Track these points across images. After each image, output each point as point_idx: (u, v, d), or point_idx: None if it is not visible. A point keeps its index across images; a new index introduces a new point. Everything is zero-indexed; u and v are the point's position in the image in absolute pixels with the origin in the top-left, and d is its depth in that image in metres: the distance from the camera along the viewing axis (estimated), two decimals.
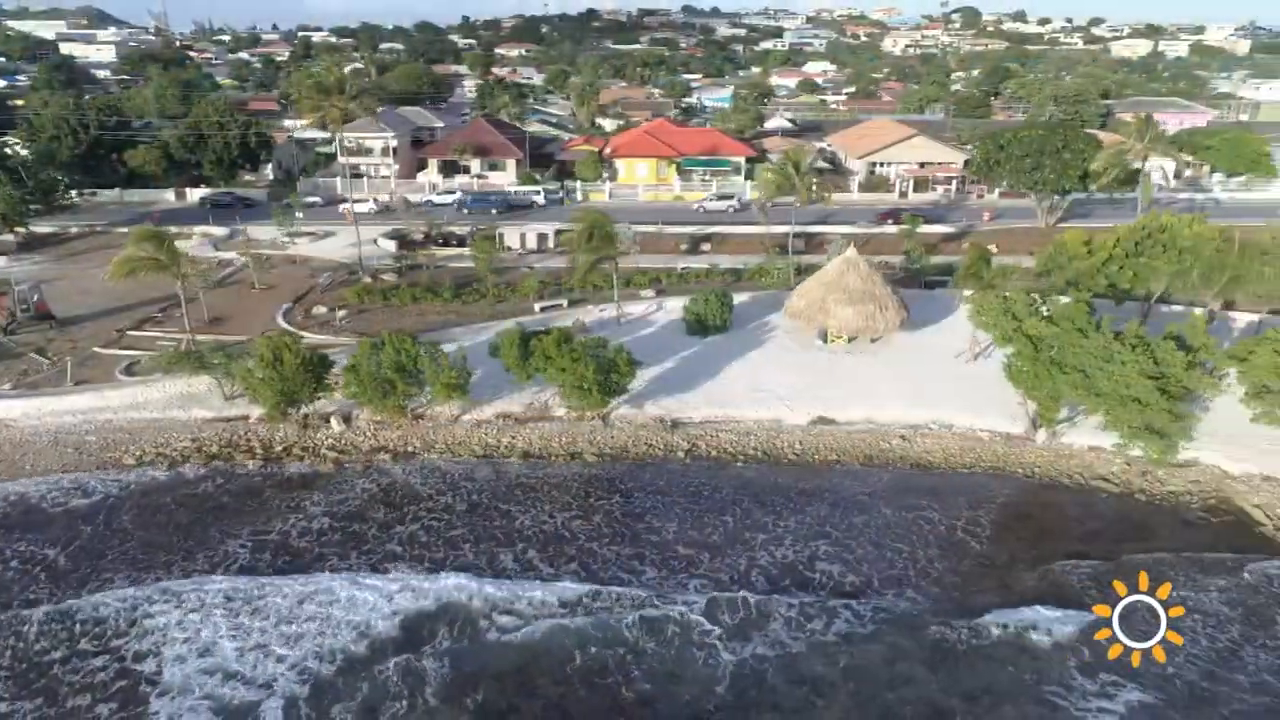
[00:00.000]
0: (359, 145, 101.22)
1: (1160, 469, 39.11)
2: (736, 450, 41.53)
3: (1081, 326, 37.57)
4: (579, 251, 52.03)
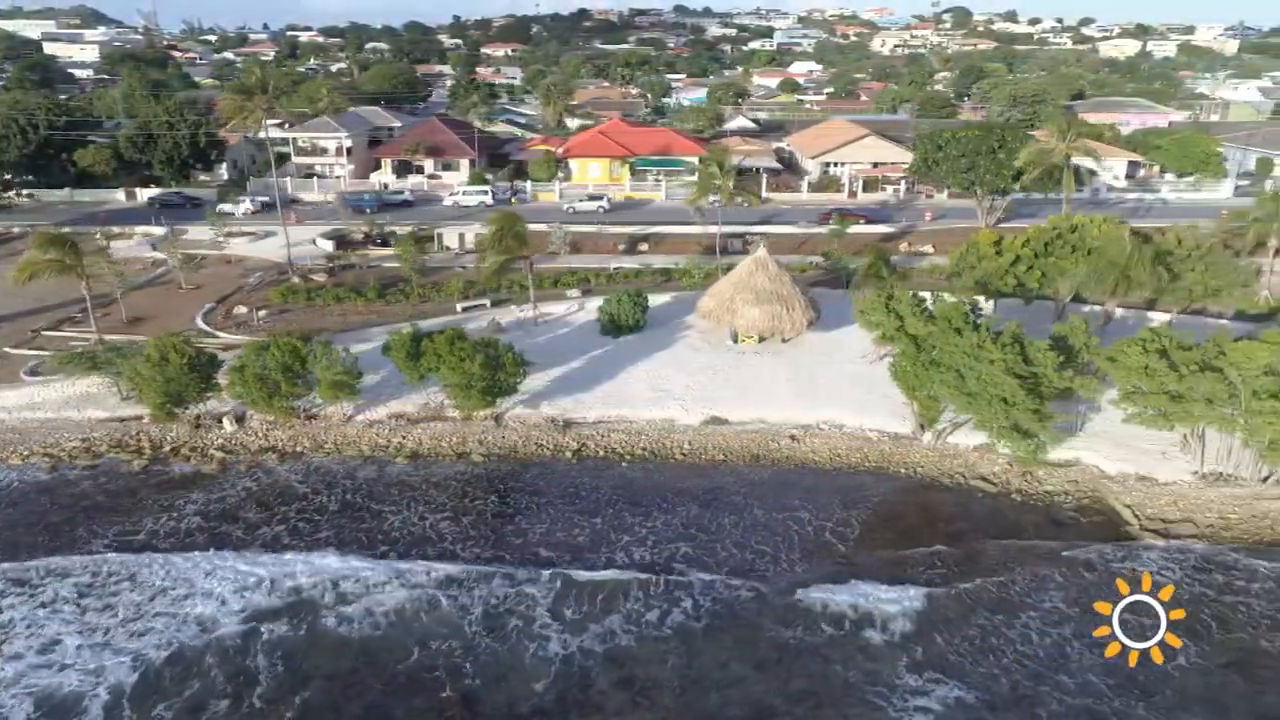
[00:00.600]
0: (313, 145, 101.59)
1: (1040, 469, 39.24)
2: (625, 450, 41.62)
3: (958, 326, 37.65)
4: (489, 252, 52.08)
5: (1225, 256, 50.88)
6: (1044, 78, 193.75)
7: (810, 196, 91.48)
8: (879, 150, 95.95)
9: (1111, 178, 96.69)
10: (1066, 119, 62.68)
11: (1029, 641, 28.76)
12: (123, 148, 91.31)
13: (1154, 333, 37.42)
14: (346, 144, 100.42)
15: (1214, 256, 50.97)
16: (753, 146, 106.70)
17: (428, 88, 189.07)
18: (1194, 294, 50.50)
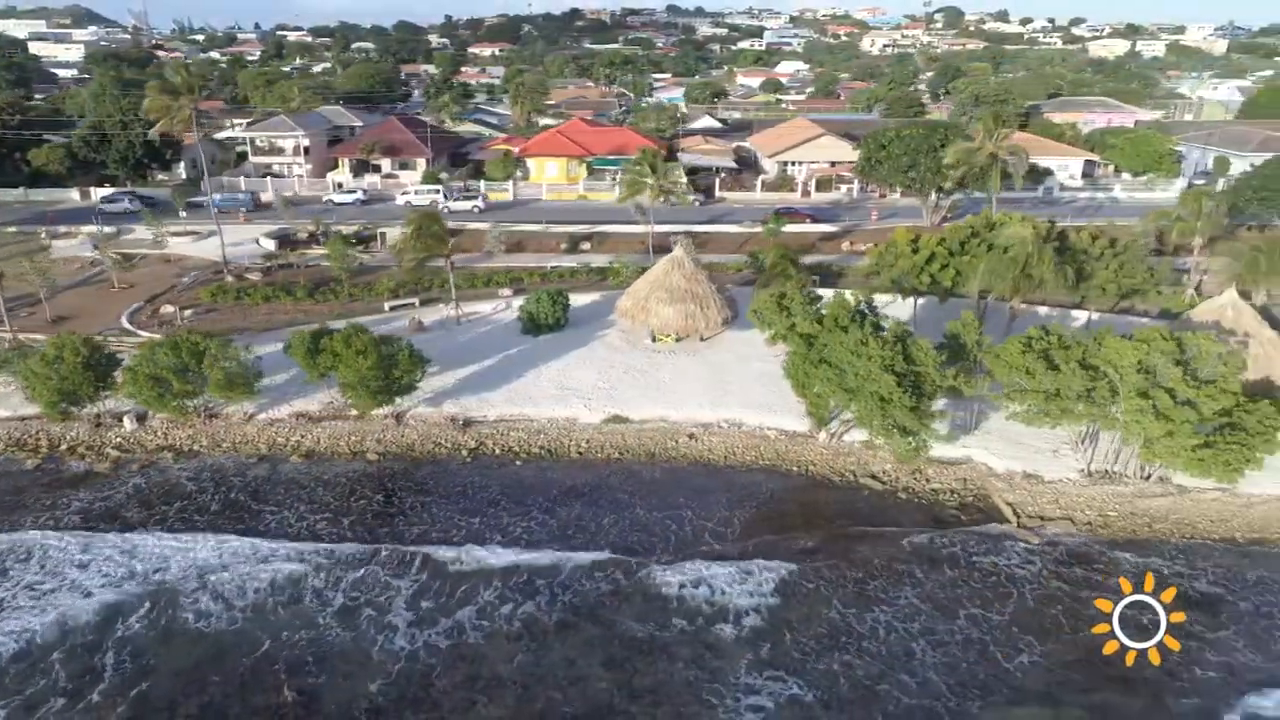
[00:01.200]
0: (271, 144, 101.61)
1: (931, 467, 39.34)
2: (522, 449, 41.65)
3: (844, 323, 37.67)
4: (406, 250, 52.10)
5: (1139, 255, 50.85)
6: (1025, 76, 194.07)
7: (763, 196, 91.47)
8: (834, 149, 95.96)
9: (1068, 177, 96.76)
10: (993, 118, 62.48)
11: (876, 637, 28.79)
12: (76, 147, 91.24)
13: (1041, 330, 37.44)
14: (304, 143, 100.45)
15: (1129, 255, 51.04)
16: (713, 146, 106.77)
17: (408, 87, 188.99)
18: (1107, 292, 50.59)
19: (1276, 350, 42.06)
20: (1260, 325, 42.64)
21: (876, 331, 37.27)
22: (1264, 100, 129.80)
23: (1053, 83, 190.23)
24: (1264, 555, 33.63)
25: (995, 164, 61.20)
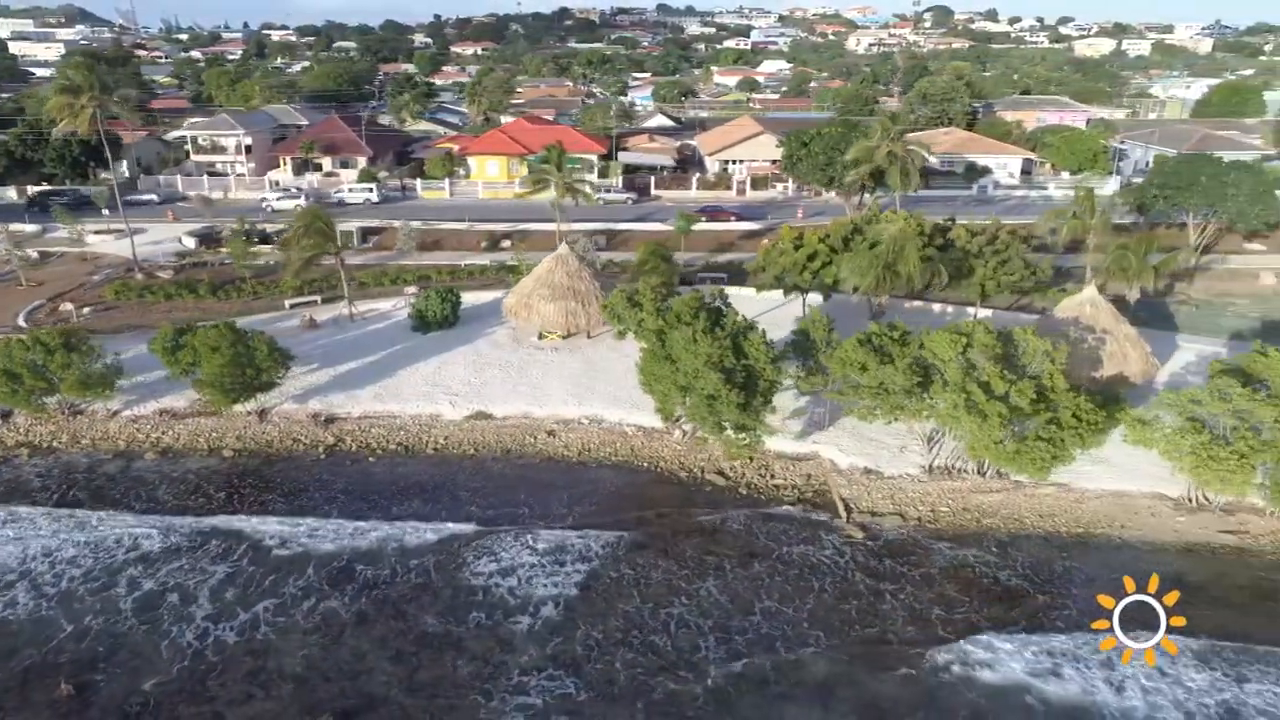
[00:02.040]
0: (213, 143, 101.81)
1: (778, 463, 39.58)
2: (379, 445, 41.86)
3: (687, 320, 37.82)
4: (293, 247, 52.27)
5: (1019, 252, 51.02)
6: (993, 75, 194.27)
7: (699, 194, 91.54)
8: (772, 148, 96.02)
9: (1007, 175, 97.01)
10: (892, 118, 62.61)
11: (667, 632, 28.95)
12: (13, 146, 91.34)
13: (882, 326, 37.62)
14: (246, 142, 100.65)
15: (1011, 252, 51.23)
16: (656, 145, 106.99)
17: (372, 86, 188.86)
18: (986, 289, 50.79)
19: (1133, 346, 42.36)
20: (1118, 322, 42.90)
21: (714, 327, 37.37)
22: (1217, 99, 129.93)
23: (1021, 81, 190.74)
24: (1081, 548, 33.82)
25: (895, 162, 61.21)
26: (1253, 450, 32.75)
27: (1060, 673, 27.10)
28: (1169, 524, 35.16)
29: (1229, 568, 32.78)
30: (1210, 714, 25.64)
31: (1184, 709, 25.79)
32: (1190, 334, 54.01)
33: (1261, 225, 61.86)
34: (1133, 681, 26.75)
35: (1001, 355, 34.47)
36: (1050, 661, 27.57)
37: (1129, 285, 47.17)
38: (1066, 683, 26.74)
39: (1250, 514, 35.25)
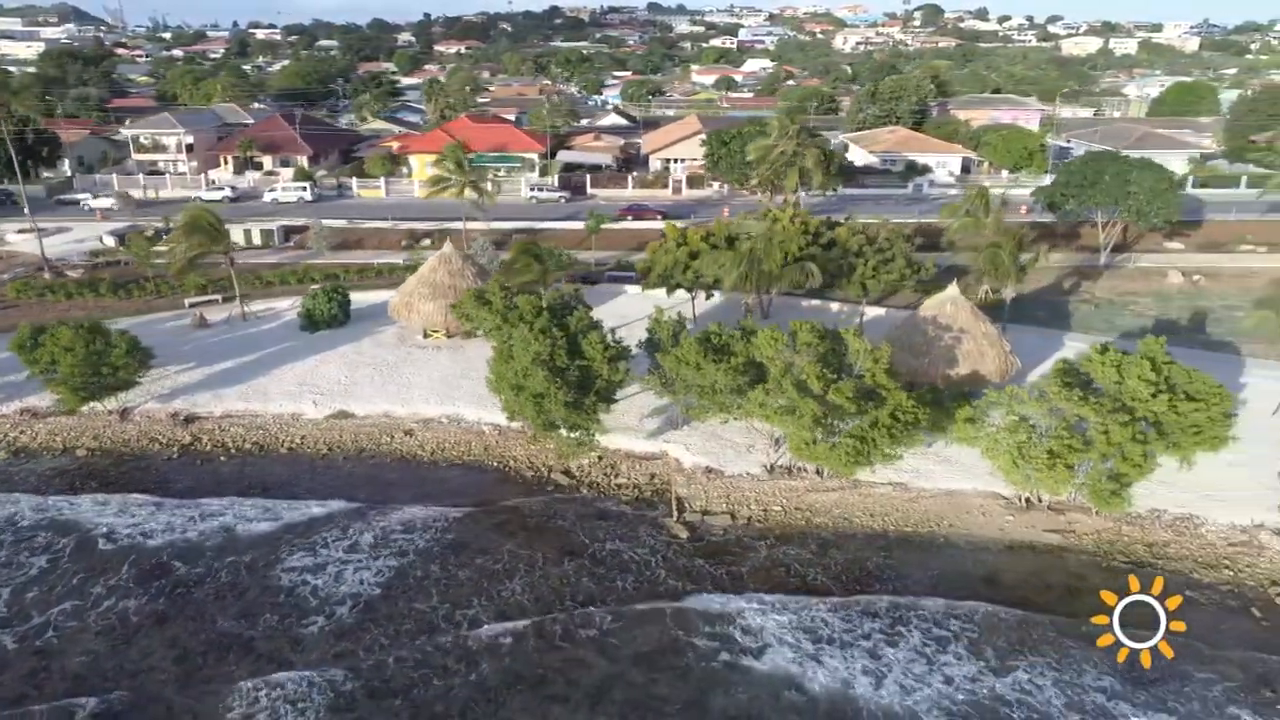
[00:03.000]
0: (154, 142, 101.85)
1: (625, 461, 39.57)
2: (234, 444, 41.87)
3: (528, 319, 37.77)
4: (177, 246, 52.25)
5: (902, 250, 50.97)
6: (962, 73, 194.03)
7: (634, 193, 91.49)
8: None
9: (946, 173, 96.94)
10: (790, 117, 62.44)
11: (456, 631, 28.90)
12: None
13: (718, 326, 37.59)
14: (187, 140, 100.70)
15: (894, 251, 51.19)
16: (600, 144, 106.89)
17: (335, 85, 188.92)
18: (869, 287, 50.74)
19: (991, 345, 42.28)
20: (977, 320, 42.80)
21: (554, 326, 37.28)
22: (1171, 97, 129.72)
23: (992, 80, 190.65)
24: (903, 547, 33.79)
25: (795, 161, 61.12)
26: (1070, 450, 32.68)
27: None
28: (997, 523, 35.13)
29: (1042, 565, 32.73)
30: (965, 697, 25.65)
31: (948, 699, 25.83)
32: (1081, 332, 53.91)
33: (1161, 222, 61.72)
34: (892, 676, 26.75)
35: (825, 354, 34.38)
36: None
37: (1001, 283, 47.14)
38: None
39: (1079, 513, 35.21)
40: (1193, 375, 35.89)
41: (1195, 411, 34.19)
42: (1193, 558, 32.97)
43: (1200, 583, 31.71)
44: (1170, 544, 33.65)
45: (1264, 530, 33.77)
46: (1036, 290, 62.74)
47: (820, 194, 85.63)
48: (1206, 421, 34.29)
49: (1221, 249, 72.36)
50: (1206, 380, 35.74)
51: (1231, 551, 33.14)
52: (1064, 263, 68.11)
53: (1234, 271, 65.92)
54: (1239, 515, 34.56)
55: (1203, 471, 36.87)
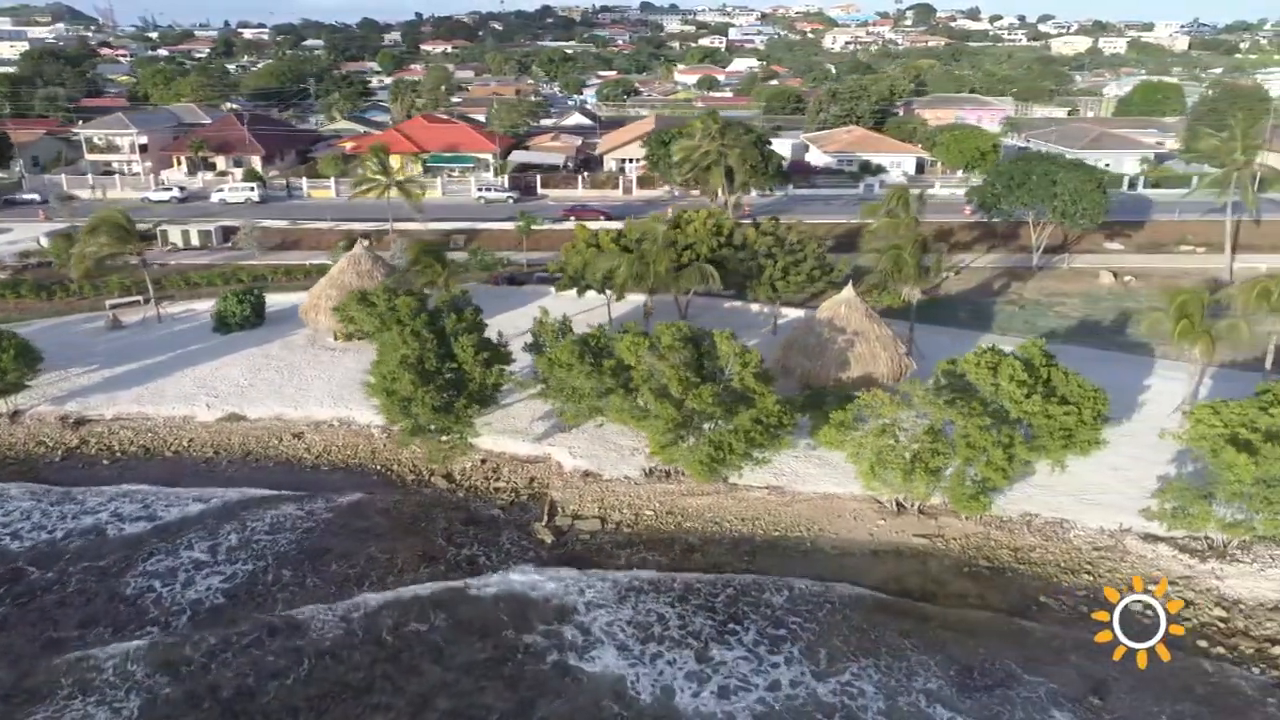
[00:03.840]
0: (108, 142, 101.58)
1: (508, 465, 39.36)
2: (121, 448, 41.64)
3: (405, 321, 37.42)
4: (83, 247, 51.94)
5: (813, 252, 50.67)
6: (942, 72, 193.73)
7: (585, 193, 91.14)
8: None
9: (900, 173, 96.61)
10: (715, 120, 61.98)
11: (284, 639, 28.62)
12: None
13: (598, 331, 37.29)
14: (141, 141, 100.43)
15: (805, 252, 50.90)
16: (557, 144, 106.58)
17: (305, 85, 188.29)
18: (778, 289, 50.41)
19: (884, 348, 41.97)
20: (871, 322, 42.51)
21: (428, 328, 36.95)
22: (1138, 97, 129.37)
23: (967, 80, 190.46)
24: (768, 551, 33.52)
25: (719, 162, 60.80)
26: (933, 454, 32.40)
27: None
28: (868, 527, 34.83)
29: (903, 569, 32.42)
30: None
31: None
32: (999, 334, 53.55)
33: (1088, 223, 61.41)
34: (717, 679, 26.53)
35: (691, 359, 34.05)
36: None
37: (905, 285, 46.84)
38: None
39: (950, 518, 34.88)
40: (1070, 378, 35.66)
41: (1066, 415, 33.89)
42: (1056, 562, 32.66)
43: (1059, 587, 31.41)
44: (1036, 548, 33.33)
45: (1130, 534, 33.43)
46: (965, 291, 62.55)
47: (768, 194, 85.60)
48: (1077, 425, 33.99)
49: (1161, 249, 72.16)
50: (1083, 383, 35.49)
51: (1096, 556, 32.82)
52: (997, 263, 67.99)
53: (1167, 272, 65.59)
54: (1110, 519, 34.23)
55: (1085, 474, 36.74)
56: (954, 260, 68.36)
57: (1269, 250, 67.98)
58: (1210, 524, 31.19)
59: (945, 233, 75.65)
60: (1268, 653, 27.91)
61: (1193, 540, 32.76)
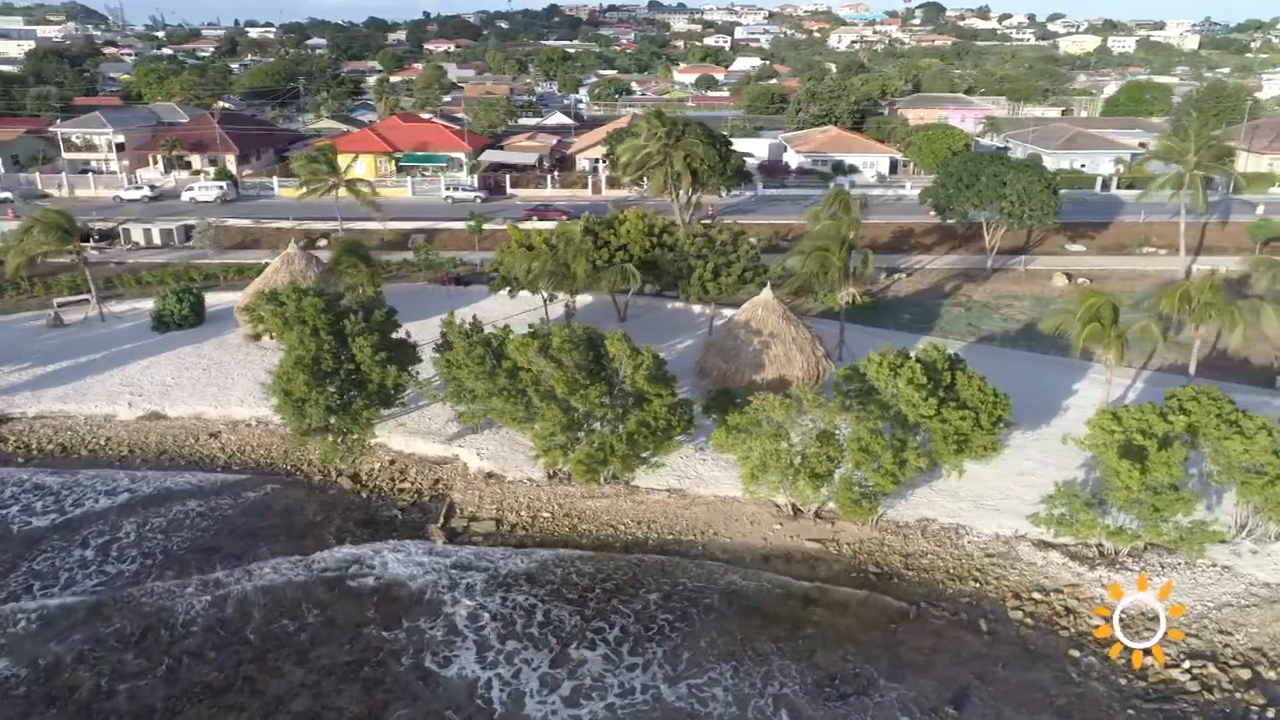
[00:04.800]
0: (85, 140, 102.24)
1: (416, 466, 39.33)
2: (37, 446, 41.93)
3: (309, 320, 37.40)
4: (18, 244, 52.26)
5: (746, 253, 50.34)
6: (936, 72, 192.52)
7: (554, 192, 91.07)
8: None
9: (874, 174, 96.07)
10: (660, 120, 61.43)
11: (153, 643, 28.68)
12: None
13: (501, 332, 37.18)
14: (117, 140, 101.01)
15: (738, 254, 50.59)
16: (531, 144, 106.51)
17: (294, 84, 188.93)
18: (709, 290, 50.09)
19: (800, 351, 41.69)
20: (788, 324, 42.28)
21: (332, 327, 36.91)
22: (1124, 96, 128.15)
23: (963, 80, 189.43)
24: (656, 555, 33.27)
25: (663, 162, 60.54)
26: (824, 459, 32.11)
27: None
28: (763, 531, 34.58)
29: (791, 573, 32.13)
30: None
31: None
32: (940, 336, 53.11)
33: (1037, 224, 60.82)
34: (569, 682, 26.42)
35: (583, 361, 33.85)
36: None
37: (831, 287, 46.43)
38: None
39: (847, 523, 34.55)
40: (973, 381, 35.29)
41: (961, 420, 33.53)
42: (945, 569, 32.29)
43: (942, 594, 31.05)
44: (927, 554, 32.97)
45: (1024, 541, 33.03)
46: (915, 292, 62.12)
47: (736, 194, 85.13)
48: (973, 430, 33.62)
49: (1124, 251, 71.48)
50: (985, 388, 35.13)
51: (987, 563, 32.44)
52: (954, 265, 67.44)
53: (1125, 274, 64.99)
54: (1007, 525, 33.85)
55: (992, 479, 36.50)
56: (905, 262, 68.05)
57: (1234, 252, 67.17)
58: (1097, 531, 30.77)
59: (907, 234, 75.34)
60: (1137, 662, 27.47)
61: (1085, 548, 32.34)
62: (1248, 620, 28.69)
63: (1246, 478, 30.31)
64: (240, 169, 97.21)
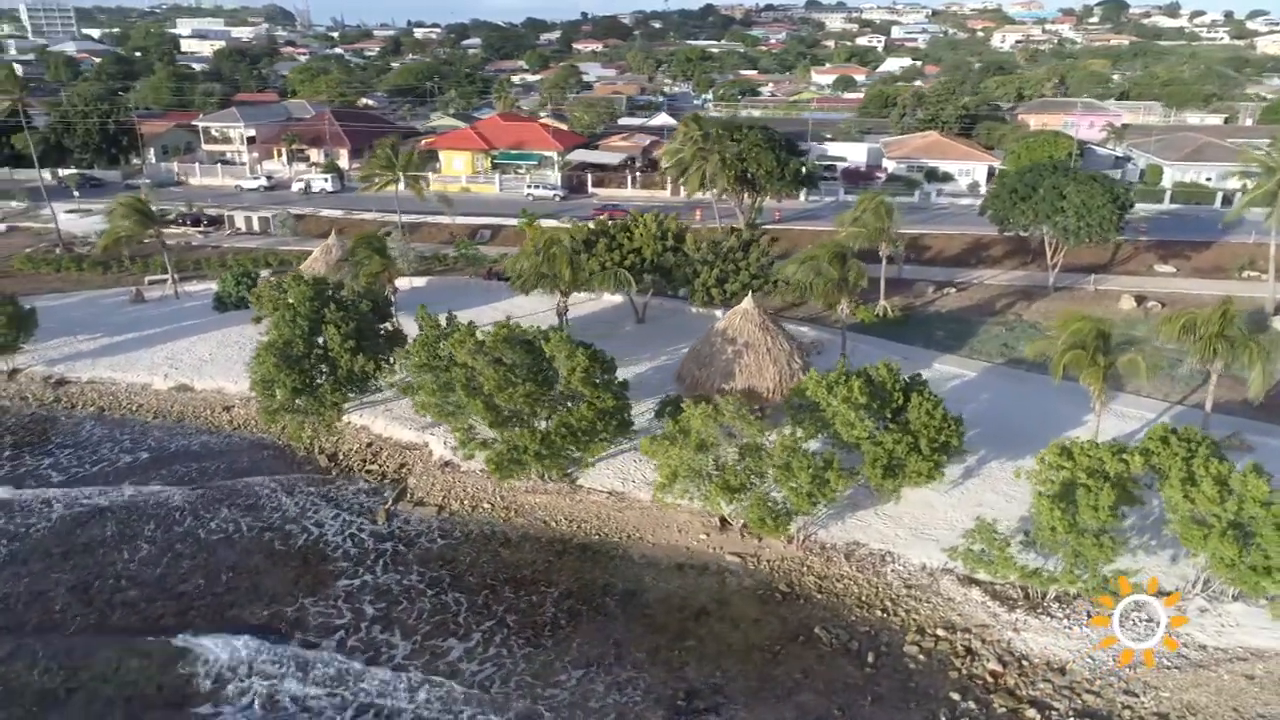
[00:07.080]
0: (222, 134, 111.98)
1: (386, 449, 41.46)
2: (84, 406, 46.88)
3: (297, 307, 40.14)
4: (108, 230, 58.28)
5: (752, 262, 49.68)
6: (1080, 76, 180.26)
7: (633, 192, 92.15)
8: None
9: (969, 181, 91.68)
10: (697, 124, 60.90)
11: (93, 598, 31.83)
12: (46, 133, 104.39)
13: (463, 331, 38.61)
14: (249, 133, 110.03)
15: (748, 261, 50.03)
16: (624, 144, 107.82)
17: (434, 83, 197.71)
18: (713, 295, 49.84)
19: (773, 362, 40.91)
20: (764, 335, 41.46)
21: (301, 316, 39.33)
22: None
23: (1118, 84, 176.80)
24: (580, 550, 33.88)
25: (701, 165, 60.28)
26: (746, 472, 31.66)
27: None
28: (689, 540, 34.38)
29: (701, 586, 31.84)
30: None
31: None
32: (966, 355, 50.66)
33: (1096, 240, 56.53)
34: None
35: (523, 358, 34.68)
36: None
37: (825, 298, 45.20)
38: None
39: (774, 539, 33.77)
40: (924, 404, 33.76)
41: (895, 444, 32.19)
42: (857, 595, 31.10)
43: (842, 621, 29.95)
44: (844, 579, 31.84)
45: (949, 576, 31.30)
46: (961, 308, 59.07)
47: (804, 199, 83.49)
48: (908, 455, 32.19)
49: (1219, 274, 65.28)
50: (937, 413, 33.51)
51: (903, 594, 30.98)
52: (1014, 281, 63.57)
53: (1207, 300, 59.16)
54: (938, 558, 32.13)
55: (944, 508, 34.92)
56: (963, 276, 64.68)
57: None
58: (1013, 571, 28.84)
59: (978, 246, 71.50)
60: (1021, 715, 25.66)
61: (1010, 588, 30.35)
62: (1162, 683, 26.20)
63: (1188, 530, 27.62)
64: (351, 163, 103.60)
